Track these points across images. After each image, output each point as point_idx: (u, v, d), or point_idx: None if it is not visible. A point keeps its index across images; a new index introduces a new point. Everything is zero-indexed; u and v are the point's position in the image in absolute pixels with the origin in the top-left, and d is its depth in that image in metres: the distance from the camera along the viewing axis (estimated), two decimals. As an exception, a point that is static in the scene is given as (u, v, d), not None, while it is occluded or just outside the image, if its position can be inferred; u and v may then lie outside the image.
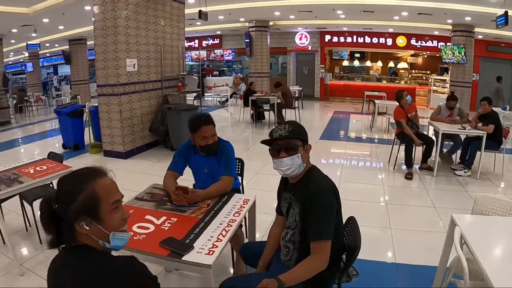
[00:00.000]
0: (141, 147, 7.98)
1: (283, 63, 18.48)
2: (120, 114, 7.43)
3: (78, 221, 1.27)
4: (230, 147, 3.03)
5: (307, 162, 2.06)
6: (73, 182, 1.32)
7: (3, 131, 13.14)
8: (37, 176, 3.82)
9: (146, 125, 8.14)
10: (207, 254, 1.94)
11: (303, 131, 2.06)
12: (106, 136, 7.82)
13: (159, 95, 8.46)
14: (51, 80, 26.39)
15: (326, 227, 1.85)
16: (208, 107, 15.73)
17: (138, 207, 2.66)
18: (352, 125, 10.51)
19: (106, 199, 1.32)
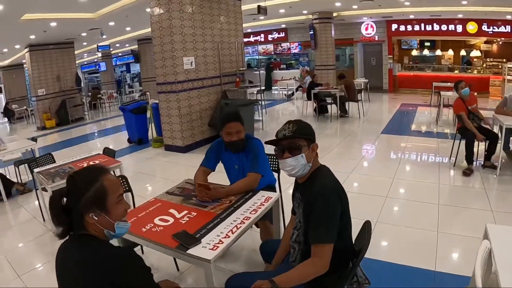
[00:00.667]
0: (200, 141, 8.29)
1: (351, 55, 18.05)
2: (179, 111, 7.79)
3: (88, 212, 1.46)
4: (259, 144, 3.06)
5: (314, 161, 2.03)
6: (85, 177, 1.50)
7: (77, 126, 14.38)
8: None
9: (205, 120, 8.45)
10: (211, 249, 2.02)
11: (308, 130, 2.04)
12: (166, 131, 8.28)
13: (218, 91, 8.73)
14: (124, 78, 28.09)
15: (326, 230, 1.82)
16: (274, 100, 15.86)
17: (166, 200, 2.83)
18: (417, 118, 10.02)
19: (113, 192, 1.51)
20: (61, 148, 10.33)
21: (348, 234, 2.01)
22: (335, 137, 8.47)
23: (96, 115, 17.76)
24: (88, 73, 29.50)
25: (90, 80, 29.49)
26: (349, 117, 10.20)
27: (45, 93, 14.47)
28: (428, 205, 4.34)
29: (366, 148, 7.26)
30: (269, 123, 10.63)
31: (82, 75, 28.78)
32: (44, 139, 12.68)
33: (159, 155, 8.16)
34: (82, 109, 16.37)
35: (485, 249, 1.83)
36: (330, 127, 9.33)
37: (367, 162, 6.24)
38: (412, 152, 6.80)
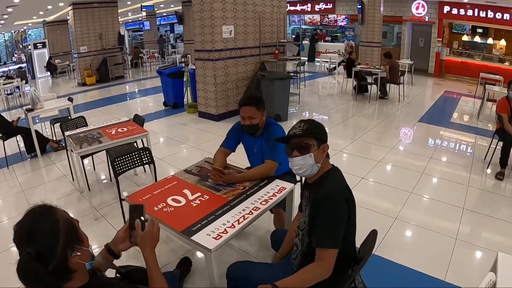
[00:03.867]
0: (234, 111, 8.34)
1: (398, 33, 17.33)
2: (215, 79, 7.84)
3: (72, 252, 1.34)
4: (279, 131, 3.05)
5: (324, 162, 2.02)
6: (45, 227, 1.31)
7: (117, 85, 14.77)
8: (115, 138, 4.36)
9: (241, 90, 8.47)
10: (214, 238, 2.07)
11: (319, 130, 2.03)
12: (201, 98, 8.40)
13: (256, 62, 8.69)
14: (168, 38, 28.28)
15: (331, 234, 1.82)
16: (315, 73, 15.59)
17: (182, 179, 2.91)
18: (459, 109, 9.52)
19: (73, 220, 1.43)
20: (99, 106, 10.70)
21: (351, 238, 2.00)
22: (371, 119, 8.26)
23: (136, 74, 18.16)
24: (132, 31, 29.92)
25: (134, 38, 29.94)
26: (389, 100, 9.89)
27: (87, 50, 14.88)
28: (452, 208, 4.18)
29: (400, 136, 7.05)
30: (307, 97, 10.53)
31: (126, 33, 29.27)
32: (84, 95, 13.19)
33: (192, 121, 8.32)
34: (122, 67, 16.73)
35: (488, 282, 1.70)
36: (367, 108, 9.10)
37: (398, 152, 6.05)
38: (447, 145, 6.54)
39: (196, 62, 8.22)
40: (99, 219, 4.21)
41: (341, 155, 5.87)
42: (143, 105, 11.09)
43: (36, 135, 6.33)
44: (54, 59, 19.68)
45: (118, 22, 16.17)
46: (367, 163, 5.47)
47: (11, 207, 4.84)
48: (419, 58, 15.73)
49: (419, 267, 3.11)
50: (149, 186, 2.87)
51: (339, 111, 8.99)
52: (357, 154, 5.92)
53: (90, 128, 4.90)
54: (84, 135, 4.55)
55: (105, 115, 9.22)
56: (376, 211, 4.08)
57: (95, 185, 5.22)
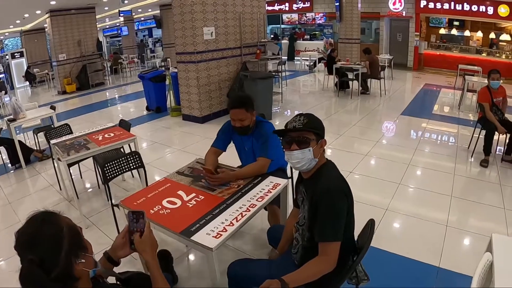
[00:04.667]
0: (218, 112, 8.35)
1: (376, 29, 17.54)
2: (197, 81, 7.82)
3: (76, 260, 1.32)
4: (268, 128, 3.07)
5: (320, 157, 2.03)
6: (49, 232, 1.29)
7: (97, 91, 14.61)
8: (102, 143, 4.31)
9: (224, 91, 8.46)
10: (214, 237, 2.07)
11: (318, 125, 2.03)
12: (184, 101, 8.37)
13: (238, 62, 8.69)
14: (146, 43, 28.09)
15: (333, 228, 1.84)
16: (295, 72, 15.66)
17: (175, 181, 2.90)
18: (440, 100, 9.69)
19: (77, 227, 1.42)
20: (81, 114, 10.55)
21: (351, 229, 2.03)
22: (354, 114, 8.37)
23: (116, 80, 17.98)
24: (110, 37, 29.60)
25: (112, 44, 29.63)
26: (370, 95, 10.01)
27: (66, 58, 14.65)
28: (441, 196, 4.28)
29: (384, 129, 7.16)
30: (289, 95, 10.57)
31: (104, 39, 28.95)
32: (64, 103, 12.98)
33: (176, 125, 8.28)
34: (102, 74, 16.54)
35: (486, 263, 1.77)
36: (350, 104, 9.19)
37: (383, 145, 6.15)
38: (431, 136, 6.68)
39: (178, 65, 8.18)
40: (90, 227, 4.15)
41: (327, 150, 5.90)
42: (125, 110, 10.99)
43: (20, 145, 6.22)
44: (33, 68, 19.33)
45: (96, 28, 15.98)
46: (354, 157, 5.54)
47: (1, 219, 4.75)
48: (398, 52, 15.96)
49: (413, 255, 3.17)
50: (142, 190, 2.84)
51: (322, 108, 9.07)
52: (343, 149, 5.98)
53: (76, 135, 4.83)
54: (71, 142, 4.49)
55: (88, 122, 9.09)
56: (367, 204, 4.13)
57: (83, 193, 5.16)
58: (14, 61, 20.45)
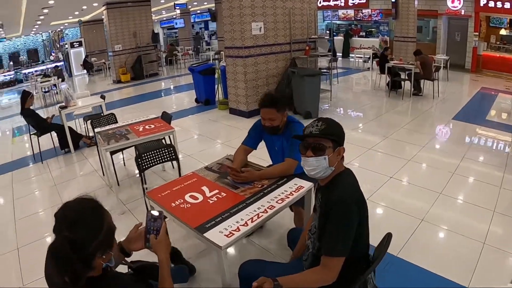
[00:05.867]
0: None
1: (434, 28, 16.74)
2: (245, 76, 7.89)
3: (100, 254, 1.42)
4: (299, 129, 2.99)
5: (338, 165, 1.94)
6: (92, 220, 1.41)
7: (151, 82, 15.09)
8: (141, 134, 4.47)
9: (271, 87, 8.47)
10: (226, 235, 2.09)
11: (337, 131, 1.94)
12: (231, 95, 8.48)
13: (287, 58, 8.66)
14: (202, 35, 28.63)
15: (339, 243, 1.77)
16: (349, 69, 15.35)
17: (202, 176, 2.96)
18: (496, 106, 9.05)
19: (114, 228, 1.54)
20: (132, 103, 11.04)
21: (363, 241, 1.94)
22: (403, 116, 8.03)
23: (171, 71, 18.52)
24: (167, 29, 30.43)
25: (169, 35, 30.47)
26: (423, 96, 9.59)
27: (122, 48, 15.29)
28: (482, 210, 3.99)
29: (433, 134, 6.80)
30: (339, 93, 10.39)
31: (161, 31, 29.83)
32: (119, 92, 13.58)
33: (222, 118, 8.42)
34: (157, 64, 17.07)
35: None
36: (400, 105, 8.85)
37: (430, 150, 5.85)
38: (482, 144, 6.29)
39: (227, 59, 8.31)
40: (126, 213, 4.35)
41: (371, 152, 5.77)
42: (176, 101, 11.30)
43: (70, 131, 6.58)
44: (90, 57, 20.34)
45: (151, 21, 16.52)
46: (397, 162, 5.35)
47: (44, 200, 5.10)
48: (455, 53, 15.12)
49: (443, 272, 2.99)
50: (170, 182, 2.92)
51: (372, 108, 8.84)
52: (388, 152, 5.81)
53: (119, 125, 5.04)
54: (113, 131, 4.70)
55: (139, 111, 9.43)
56: (402, 212, 3.98)
57: (125, 180, 5.38)
58: (73, 50, 21.57)
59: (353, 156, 5.52)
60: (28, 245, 3.88)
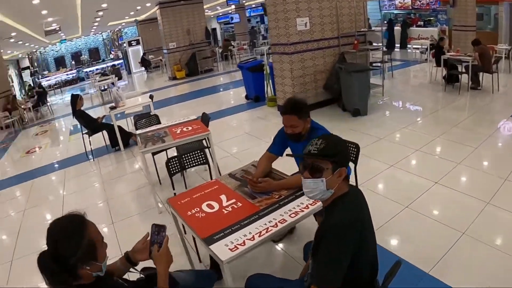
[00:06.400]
0: (314, 104, 8.16)
1: (496, 15, 15.49)
2: (291, 72, 7.80)
3: (83, 265, 1.54)
4: None
5: (338, 188, 1.79)
6: (69, 235, 1.53)
7: (205, 78, 15.36)
8: (177, 137, 4.55)
9: (320, 83, 8.30)
10: (230, 249, 2.08)
11: (337, 151, 1.78)
12: (279, 92, 8.43)
13: (335, 53, 8.43)
14: (259, 29, 28.72)
15: (328, 272, 1.66)
16: (406, 62, 14.68)
17: (224, 183, 2.97)
18: None
19: (98, 241, 1.62)
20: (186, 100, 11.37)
21: (363, 267, 1.80)
22: (457, 113, 7.40)
23: (226, 66, 18.77)
24: (224, 24, 30.81)
25: (226, 30, 30.84)
26: (482, 90, 8.90)
27: (176, 46, 15.76)
28: None
29: (488, 133, 6.07)
30: (393, 88, 9.95)
31: (218, 26, 30.25)
32: (174, 89, 14.02)
33: (271, 115, 8.36)
34: (212, 61, 17.38)
35: None
36: (456, 100, 8.22)
37: (483, 153, 5.35)
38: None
39: (273, 56, 8.25)
40: (163, 213, 4.50)
41: (419, 154, 5.41)
42: (227, 98, 11.42)
43: (119, 130, 6.87)
44: (148, 55, 21.10)
45: (204, 18, 16.84)
46: (444, 165, 4.94)
47: (91, 197, 5.43)
48: (519, 42, 13.93)
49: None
50: (192, 189, 2.97)
51: (426, 104, 8.34)
52: (437, 154, 5.43)
53: (160, 127, 5.18)
54: (152, 134, 4.83)
55: (190, 109, 9.73)
56: (442, 223, 3.63)
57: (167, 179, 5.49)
58: (131, 48, 22.60)
59: (398, 158, 5.22)
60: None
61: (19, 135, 11.57)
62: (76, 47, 27.68)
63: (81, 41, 27.57)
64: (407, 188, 4.40)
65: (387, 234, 3.49)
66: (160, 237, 1.90)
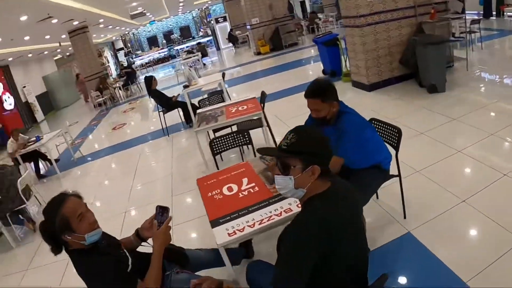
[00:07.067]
0: (389, 80, 7.71)
1: None
2: (363, 46, 7.41)
3: (62, 235, 1.85)
4: (347, 121, 2.68)
5: (313, 186, 1.61)
6: (49, 213, 1.87)
7: (289, 52, 15.21)
8: (230, 117, 4.65)
9: (395, 56, 7.77)
10: (229, 234, 2.13)
11: (310, 147, 1.59)
12: (352, 66, 8.07)
13: (412, 24, 7.81)
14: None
15: (283, 271, 1.54)
16: (501, 31, 13.00)
17: (251, 166, 2.98)
18: None
19: (72, 217, 1.85)
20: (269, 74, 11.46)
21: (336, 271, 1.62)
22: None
23: (310, 40, 18.34)
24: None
25: (315, 2, 30.04)
26: None
27: (259, 21, 15.71)
28: None
29: None
30: (480, 61, 8.93)
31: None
32: (260, 63, 14.19)
33: (345, 91, 7.94)
34: (295, 34, 17.11)
35: None
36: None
37: None
38: None
39: (345, 30, 7.90)
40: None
41: (493, 139, 4.52)
42: (306, 73, 11.14)
43: (192, 107, 7.16)
44: (235, 31, 21.36)
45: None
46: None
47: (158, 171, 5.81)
48: None
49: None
50: (221, 170, 3.05)
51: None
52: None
53: (218, 106, 5.32)
54: (210, 113, 5.00)
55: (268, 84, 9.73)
56: (500, 225, 3.00)
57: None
58: (218, 25, 23.03)
59: (468, 142, 4.47)
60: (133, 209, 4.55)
61: (109, 112, 12.66)
62: (167, 26, 29.06)
63: (172, 21, 28.85)
64: (471, 178, 3.90)
65: (432, 231, 3.03)
66: (163, 217, 2.05)
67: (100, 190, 5.88)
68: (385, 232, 3.11)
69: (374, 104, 6.49)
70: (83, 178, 6.82)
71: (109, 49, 27.12)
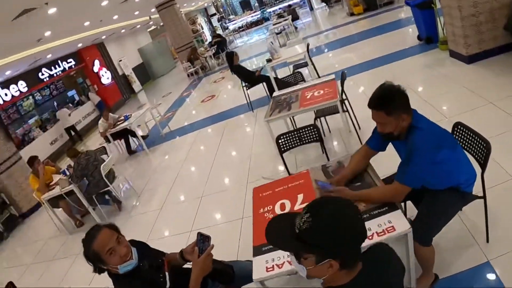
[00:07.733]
0: (492, 50, 6.61)
1: None
2: (459, 11, 6.44)
3: (97, 265, 2.02)
4: (418, 140, 2.17)
5: (330, 278, 1.31)
6: (84, 245, 2.01)
7: (384, 12, 14.05)
8: (303, 105, 4.37)
9: (499, 22, 6.62)
10: (267, 268, 2.00)
11: (328, 239, 1.23)
12: (449, 34, 7.04)
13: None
14: None
15: None
16: None
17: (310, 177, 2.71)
18: None
19: (102, 252, 1.96)
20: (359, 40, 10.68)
21: None
22: None
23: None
24: None
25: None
26: None
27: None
28: None
29: None
30: None
31: None
32: (353, 25, 13.45)
33: (439, 62, 7.00)
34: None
35: None
36: None
37: None
38: None
39: (441, -11, 6.90)
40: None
41: None
42: (399, 38, 9.76)
43: (275, 81, 6.99)
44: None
45: None
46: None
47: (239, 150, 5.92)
48: None
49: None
50: (279, 180, 2.88)
51: None
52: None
53: (294, 89, 5.04)
54: (285, 98, 4.79)
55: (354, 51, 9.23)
56: None
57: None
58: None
59: None
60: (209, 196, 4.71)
61: (201, 81, 12.93)
62: (260, -12, 28.42)
63: (265, -19, 28.09)
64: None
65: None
66: (205, 245, 2.03)
67: (182, 169, 6.17)
68: (461, 257, 2.63)
69: (471, 82, 5.46)
70: (168, 154, 7.21)
71: (202, 16, 27.62)
